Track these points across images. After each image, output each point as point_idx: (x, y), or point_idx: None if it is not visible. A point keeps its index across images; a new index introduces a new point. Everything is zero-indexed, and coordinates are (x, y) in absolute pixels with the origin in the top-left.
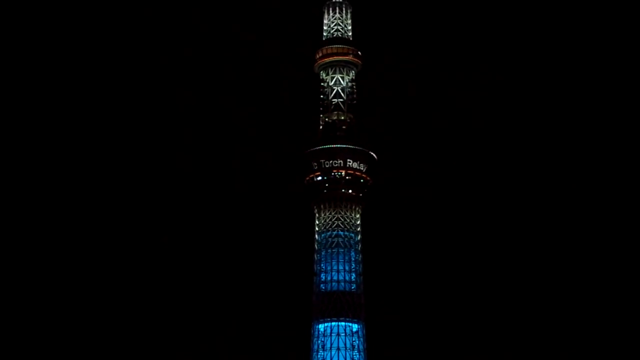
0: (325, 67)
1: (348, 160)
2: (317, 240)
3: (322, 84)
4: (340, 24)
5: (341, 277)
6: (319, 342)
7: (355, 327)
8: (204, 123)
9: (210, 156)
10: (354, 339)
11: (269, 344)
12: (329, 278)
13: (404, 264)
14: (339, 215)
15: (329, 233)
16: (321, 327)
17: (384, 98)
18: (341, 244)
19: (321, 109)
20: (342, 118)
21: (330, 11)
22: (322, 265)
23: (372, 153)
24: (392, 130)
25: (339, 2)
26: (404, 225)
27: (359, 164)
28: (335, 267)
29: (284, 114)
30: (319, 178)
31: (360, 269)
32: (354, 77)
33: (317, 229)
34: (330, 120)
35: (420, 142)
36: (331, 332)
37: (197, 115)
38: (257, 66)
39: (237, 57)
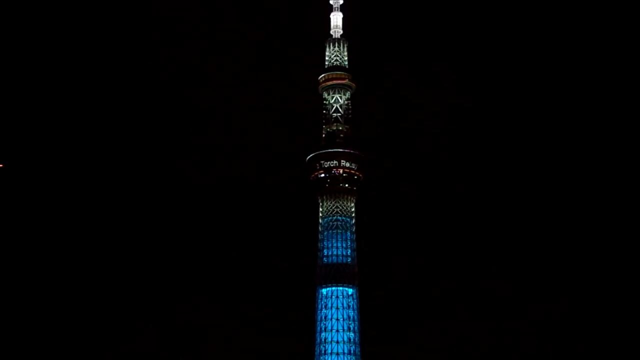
0: (327, 89)
1: (342, 160)
2: (321, 224)
3: (324, 102)
4: (339, 55)
5: (339, 252)
6: (322, 302)
7: (350, 290)
8: (229, 134)
9: (235, 158)
10: (349, 300)
11: (284, 304)
12: (329, 253)
13: (389, 242)
14: (337, 204)
15: (330, 218)
16: (324, 290)
17: (373, 112)
18: (339, 226)
19: (324, 121)
20: (340, 128)
21: (331, 45)
22: (324, 242)
23: (362, 155)
24: (380, 136)
25: (338, 38)
26: (390, 212)
27: (351, 163)
28: (334, 244)
29: (296, 125)
30: (322, 175)
31: (354, 245)
32: (349, 97)
33: (320, 214)
34: (330, 130)
35: (403, 146)
36: (332, 295)
37: (224, 127)
38: (273, 87)
39: (255, 81)
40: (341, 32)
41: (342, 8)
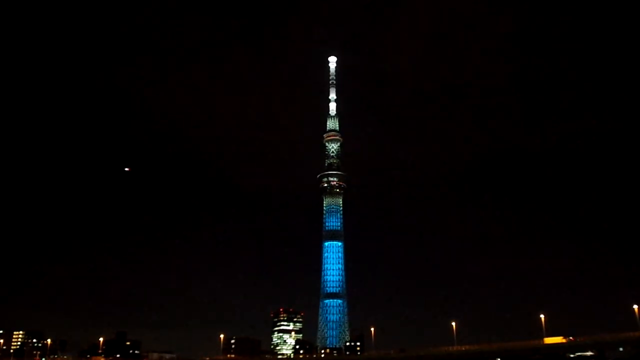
0: (328, 141)
1: (334, 177)
2: (325, 209)
3: (326, 147)
4: (334, 124)
5: (334, 223)
6: (325, 249)
7: (339, 243)
8: (277, 165)
9: (278, 177)
10: (339, 248)
11: (303, 252)
12: (329, 224)
13: (360, 219)
14: (333, 200)
15: (329, 206)
16: (326, 243)
17: (352, 154)
18: (334, 210)
19: (326, 157)
20: (334, 161)
21: (330, 118)
22: (326, 219)
23: (345, 174)
24: (356, 165)
25: (333, 115)
26: (361, 204)
27: (338, 178)
28: (331, 220)
29: (313, 159)
30: (325, 185)
31: (342, 220)
32: (339, 145)
33: (324, 205)
34: (329, 162)
35: (369, 170)
36: (330, 246)
37: (278, 161)
38: (302, 141)
39: (294, 140)
40: (335, 112)
41: (336, 100)
